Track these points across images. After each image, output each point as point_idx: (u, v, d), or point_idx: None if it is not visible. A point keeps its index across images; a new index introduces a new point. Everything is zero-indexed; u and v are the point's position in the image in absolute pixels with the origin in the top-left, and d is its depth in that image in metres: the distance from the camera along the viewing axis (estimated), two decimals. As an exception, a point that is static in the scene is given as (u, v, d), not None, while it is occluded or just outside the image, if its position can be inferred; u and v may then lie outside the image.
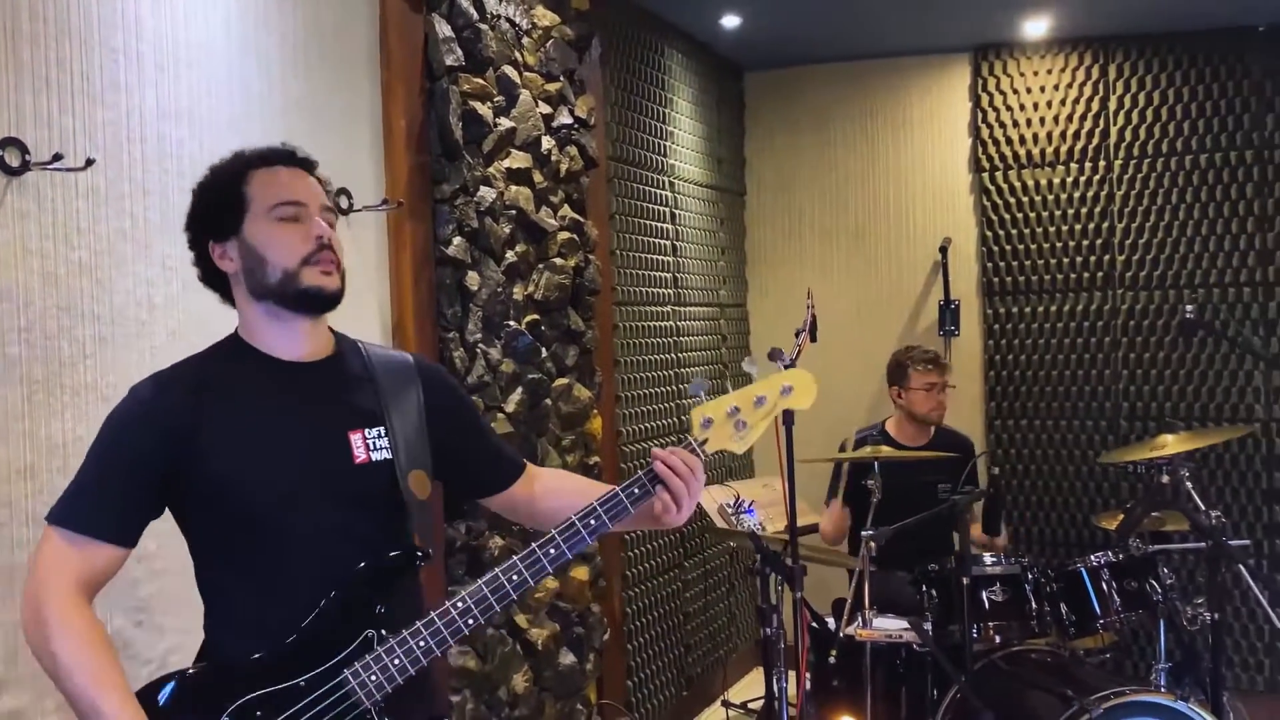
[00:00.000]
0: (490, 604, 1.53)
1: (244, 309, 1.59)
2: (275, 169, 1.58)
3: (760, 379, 1.66)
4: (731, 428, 1.62)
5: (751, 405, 1.63)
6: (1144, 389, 4.39)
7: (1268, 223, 4.23)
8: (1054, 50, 4.51)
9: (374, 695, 1.48)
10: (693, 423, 1.63)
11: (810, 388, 1.66)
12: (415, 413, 1.63)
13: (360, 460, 1.55)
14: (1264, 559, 4.20)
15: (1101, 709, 2.71)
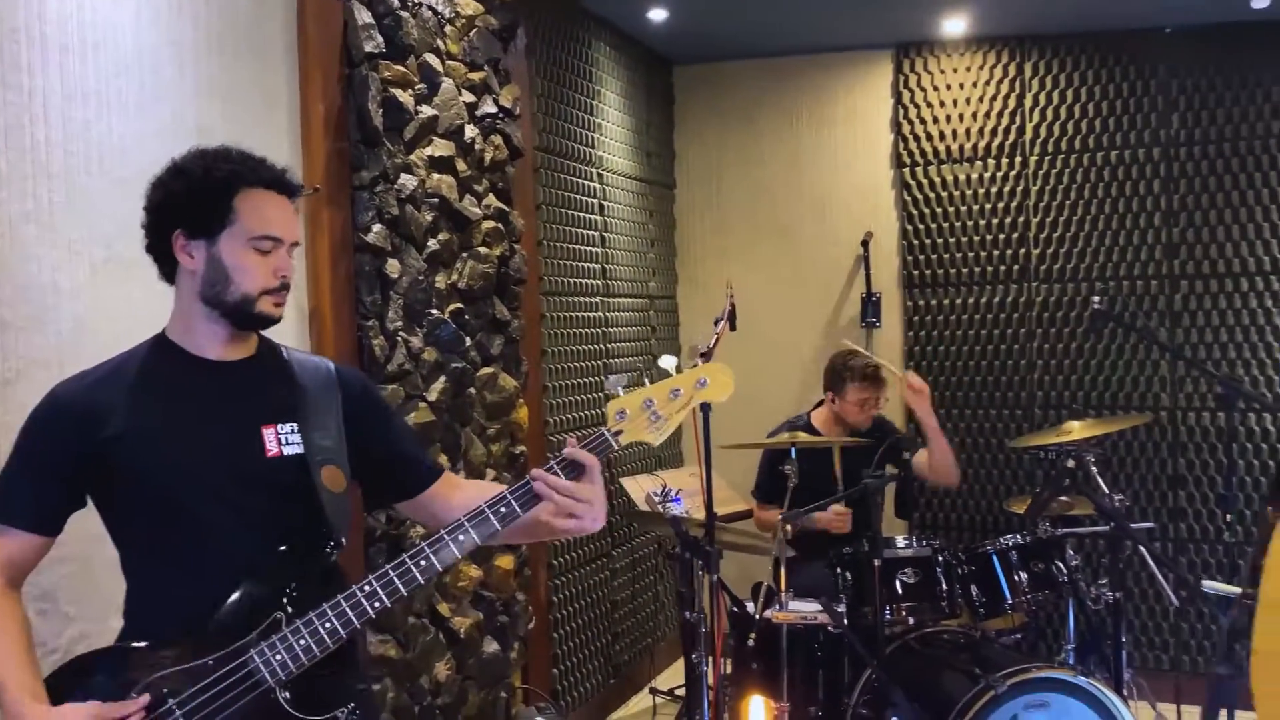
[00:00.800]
0: (396, 587, 1.58)
1: (187, 303, 1.64)
2: (268, 194, 1.64)
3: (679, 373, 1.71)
4: (647, 420, 1.67)
5: (667, 398, 1.68)
6: (1056, 378, 4.53)
7: (1173, 218, 4.38)
8: (972, 48, 4.62)
9: (278, 674, 1.53)
10: (608, 414, 1.68)
11: (727, 381, 1.70)
12: (334, 416, 1.71)
13: (272, 454, 1.63)
14: (1168, 542, 4.36)
15: (1006, 685, 2.81)
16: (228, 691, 1.52)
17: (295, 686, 1.55)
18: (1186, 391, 4.35)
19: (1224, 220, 4.31)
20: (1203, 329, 4.34)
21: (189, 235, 1.61)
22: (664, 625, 4.78)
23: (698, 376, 1.69)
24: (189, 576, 1.57)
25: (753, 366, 4.77)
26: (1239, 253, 4.29)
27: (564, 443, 3.93)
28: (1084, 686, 2.91)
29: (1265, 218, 4.25)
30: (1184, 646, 4.38)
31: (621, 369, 4.46)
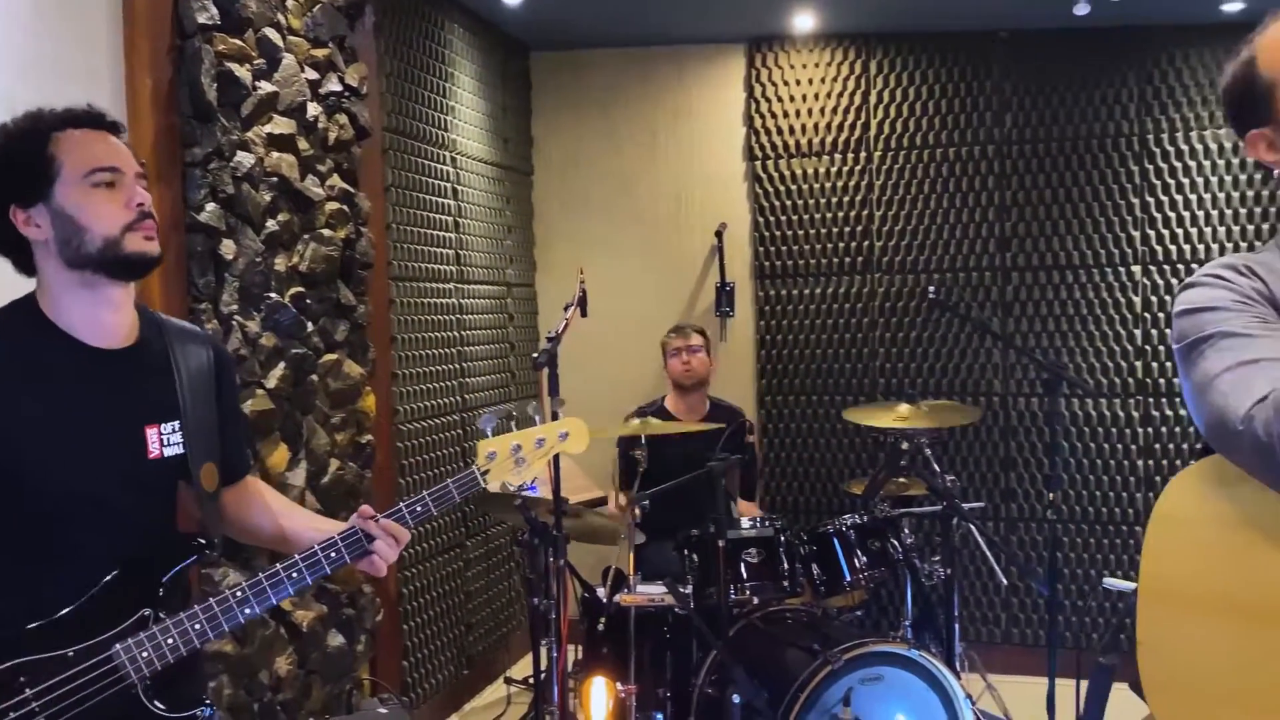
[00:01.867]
0: (268, 596, 1.62)
1: (52, 279, 1.56)
2: (84, 132, 1.56)
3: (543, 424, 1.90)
4: (513, 463, 1.83)
5: (533, 445, 1.85)
6: (898, 365, 4.72)
7: (1005, 213, 4.61)
8: (821, 45, 4.76)
9: (142, 671, 1.52)
10: (478, 453, 1.80)
11: (584, 435, 1.91)
12: (210, 402, 1.69)
13: (154, 455, 1.60)
14: (1000, 521, 4.60)
15: (843, 660, 2.91)
16: (89, 685, 1.50)
17: (158, 684, 1.54)
18: (1016, 378, 4.59)
19: (1052, 216, 4.56)
20: (1032, 318, 4.58)
21: (24, 205, 1.53)
22: (519, 614, 4.76)
23: (560, 429, 1.89)
24: (59, 575, 1.53)
25: (610, 354, 4.81)
26: (1065, 246, 4.55)
27: (417, 431, 3.87)
28: (917, 659, 3.03)
29: (1089, 214, 4.52)
30: (1014, 620, 4.62)
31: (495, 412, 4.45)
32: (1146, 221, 4.46)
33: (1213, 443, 1.26)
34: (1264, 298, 1.28)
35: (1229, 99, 1.36)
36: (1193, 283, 1.35)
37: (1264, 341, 1.23)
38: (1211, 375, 1.24)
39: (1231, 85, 1.35)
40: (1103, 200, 4.50)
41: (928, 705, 3.02)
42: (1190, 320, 1.31)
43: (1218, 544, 1.26)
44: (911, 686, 3.03)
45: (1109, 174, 4.50)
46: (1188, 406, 1.35)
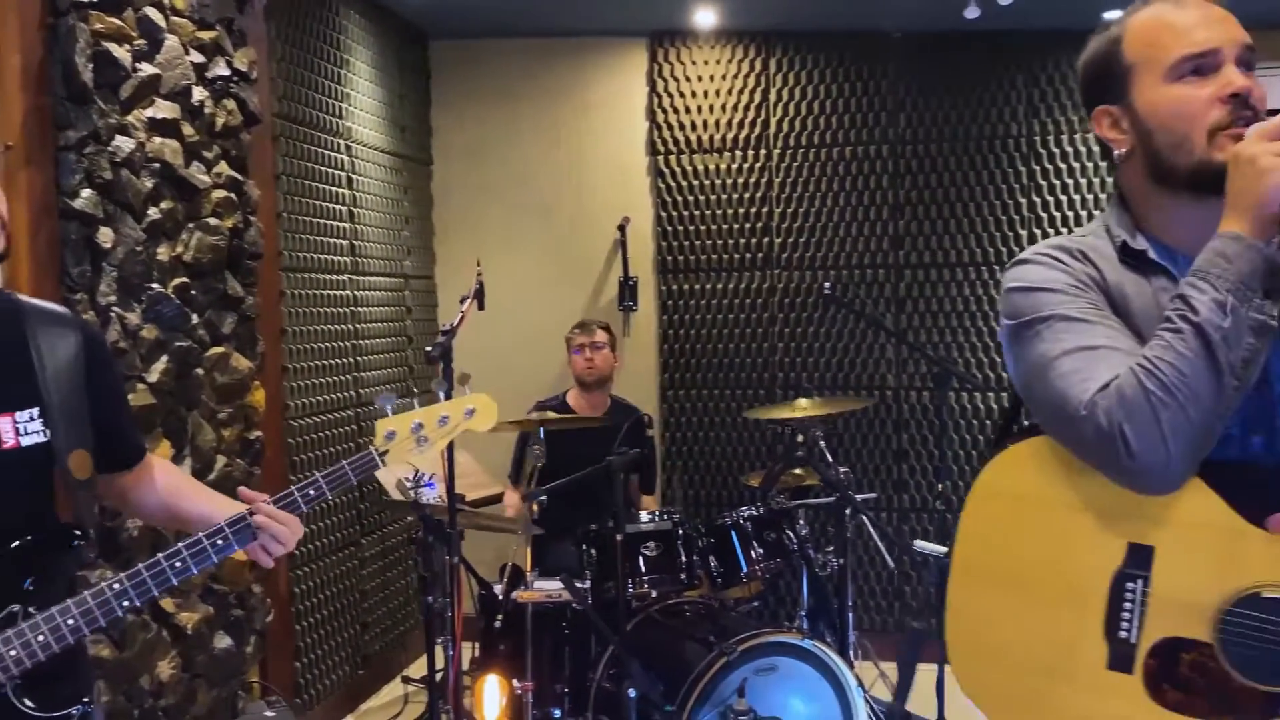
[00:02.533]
0: (149, 588, 1.55)
1: None
2: None
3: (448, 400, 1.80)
4: (414, 442, 1.75)
5: (435, 423, 1.76)
6: (795, 359, 4.79)
7: (899, 212, 4.72)
8: (722, 41, 4.79)
9: (10, 670, 1.46)
10: (376, 433, 1.72)
11: (492, 412, 1.82)
12: (79, 388, 1.62)
13: (9, 445, 1.54)
14: (892, 512, 4.71)
15: (738, 651, 2.94)
16: None
17: (29, 682, 1.49)
18: (908, 372, 4.70)
19: (943, 215, 4.68)
20: (923, 315, 4.70)
21: None
22: (417, 613, 4.68)
23: (466, 406, 1.79)
24: None
25: (512, 347, 4.77)
26: (955, 245, 4.67)
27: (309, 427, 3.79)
28: (810, 649, 3.08)
29: (978, 213, 4.65)
30: (906, 608, 4.74)
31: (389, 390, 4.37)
32: (1033, 221, 4.62)
33: (1048, 426, 1.29)
34: (1096, 284, 1.32)
35: (1088, 71, 1.38)
36: (1027, 259, 1.36)
37: (1101, 328, 1.27)
38: (1050, 358, 1.26)
39: (1092, 59, 1.38)
40: (991, 200, 4.64)
41: (821, 694, 3.08)
42: (1026, 298, 1.32)
43: (1030, 521, 1.31)
44: (805, 676, 3.08)
45: (998, 174, 4.63)
46: (1015, 384, 1.38)
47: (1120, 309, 1.30)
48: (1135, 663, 1.25)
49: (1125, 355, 1.23)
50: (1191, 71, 1.27)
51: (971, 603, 1.36)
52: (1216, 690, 1.21)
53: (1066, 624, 1.29)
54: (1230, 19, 1.30)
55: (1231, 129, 1.24)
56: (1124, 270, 1.32)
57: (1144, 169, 1.33)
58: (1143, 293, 1.30)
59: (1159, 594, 1.24)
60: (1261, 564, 1.18)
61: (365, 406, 4.23)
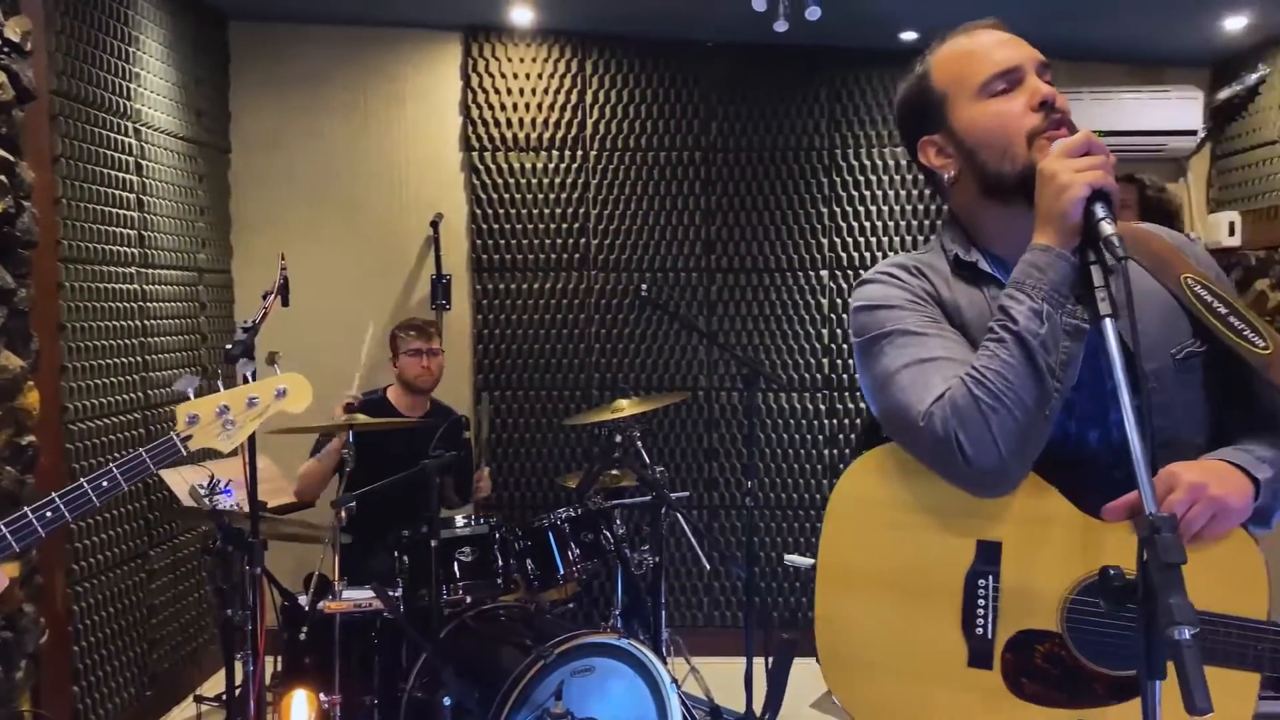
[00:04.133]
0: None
1: None
2: None
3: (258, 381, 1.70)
4: (220, 426, 1.66)
5: (244, 405, 1.67)
6: (611, 360, 4.82)
7: (711, 217, 4.83)
8: (538, 40, 4.76)
9: None
10: (178, 418, 1.61)
11: (306, 392, 1.74)
12: None
13: None
14: (704, 510, 4.81)
15: (555, 653, 2.92)
16: None
17: None
18: (719, 373, 4.82)
19: (752, 221, 4.82)
20: (733, 318, 4.83)
21: None
22: (211, 627, 4.42)
23: (277, 385, 1.69)
24: None
25: (319, 345, 4.54)
26: (763, 251, 4.82)
27: (90, 431, 3.54)
28: (627, 649, 3.10)
29: (784, 220, 4.82)
30: (715, 604, 4.86)
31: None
32: (834, 229, 4.82)
33: (894, 436, 1.36)
34: (932, 298, 1.40)
35: (904, 110, 1.47)
36: (869, 279, 1.44)
37: (937, 340, 1.34)
38: (891, 371, 1.33)
39: (906, 98, 1.46)
40: (796, 208, 4.82)
41: (637, 693, 3.09)
42: (869, 316, 1.40)
43: (887, 526, 1.36)
44: (621, 675, 3.09)
45: (802, 184, 4.82)
46: (866, 398, 1.44)
47: (956, 320, 1.37)
48: (994, 658, 1.30)
49: (960, 365, 1.29)
50: (1001, 88, 1.36)
51: (838, 610, 1.39)
52: (1070, 679, 1.28)
53: (927, 625, 1.33)
54: (1020, 40, 1.40)
55: (1047, 132, 1.32)
56: (958, 283, 1.40)
57: (975, 186, 1.40)
58: (976, 303, 1.38)
59: (1009, 589, 1.30)
60: (1098, 552, 1.25)
61: (154, 409, 3.95)
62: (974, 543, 1.31)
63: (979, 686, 1.30)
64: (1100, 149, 1.24)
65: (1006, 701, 1.29)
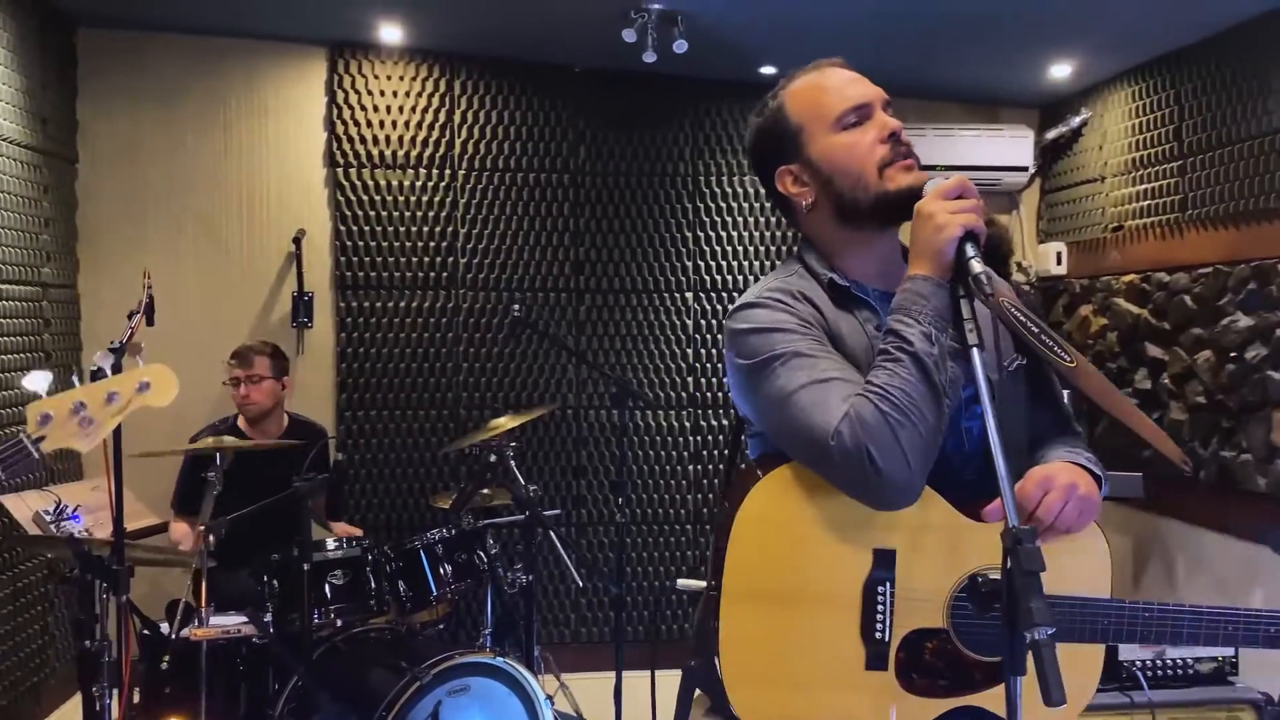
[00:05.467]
0: None
1: None
2: None
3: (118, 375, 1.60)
4: (76, 425, 1.54)
5: (102, 402, 1.55)
6: (480, 380, 4.83)
7: (580, 238, 4.91)
8: (406, 59, 4.75)
9: None
10: (28, 418, 1.51)
11: (171, 384, 1.66)
12: None
13: None
14: (572, 526, 4.87)
15: (431, 674, 2.93)
16: None
17: None
18: (588, 392, 4.90)
19: (620, 244, 4.93)
20: (602, 337, 4.92)
21: None
22: (55, 660, 4.19)
23: (139, 379, 1.60)
24: None
25: (173, 366, 4.40)
26: (630, 272, 4.94)
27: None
28: (500, 666, 3.13)
29: (650, 244, 4.95)
30: (583, 620, 4.92)
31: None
32: (698, 253, 4.99)
33: (798, 455, 1.42)
34: (817, 322, 1.49)
35: (759, 141, 1.56)
36: (754, 303, 1.51)
37: (828, 361, 1.43)
38: (789, 391, 1.40)
39: (761, 130, 1.57)
40: (662, 232, 4.96)
41: (511, 710, 3.13)
42: (760, 339, 1.46)
43: (789, 542, 1.43)
44: (496, 694, 3.13)
45: (667, 208, 4.96)
46: (751, 417, 1.52)
47: (836, 343, 1.48)
48: (889, 659, 1.40)
49: (853, 385, 1.39)
50: (853, 121, 1.49)
51: (743, 631, 1.42)
52: (954, 670, 1.40)
53: (829, 634, 1.40)
54: (865, 79, 1.54)
55: (896, 163, 1.46)
56: (832, 306, 1.50)
57: (831, 213, 1.51)
58: (852, 326, 1.49)
59: (903, 593, 1.40)
60: (979, 552, 1.38)
61: (21, 429, 3.74)
62: (871, 552, 1.40)
63: (874, 687, 1.39)
64: (972, 193, 1.38)
65: (899, 698, 1.40)
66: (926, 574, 1.40)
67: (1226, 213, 3.91)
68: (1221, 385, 3.91)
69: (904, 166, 1.46)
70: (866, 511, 1.39)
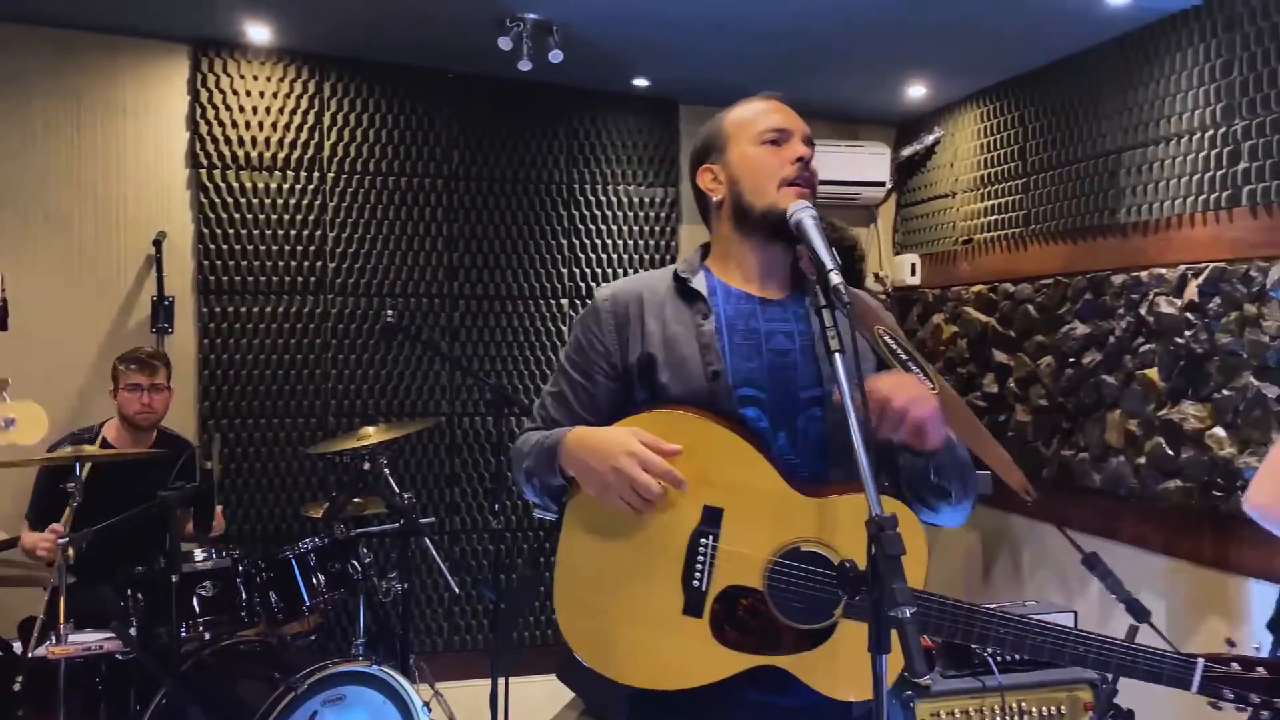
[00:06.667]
0: None
1: None
2: None
3: None
4: None
5: None
6: (350, 387, 4.76)
7: (454, 244, 4.90)
8: (274, 59, 4.65)
9: None
10: None
11: (40, 422, 1.69)
12: None
13: None
14: (445, 534, 4.85)
15: (306, 684, 2.89)
16: None
17: None
18: (462, 399, 4.89)
19: (494, 249, 4.94)
20: (477, 343, 4.92)
21: None
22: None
23: (4, 415, 1.56)
24: None
25: (25, 374, 4.18)
26: (505, 279, 4.95)
27: None
28: (376, 674, 3.12)
29: (526, 250, 4.97)
30: (456, 628, 4.89)
31: None
32: (574, 260, 5.04)
33: None
34: (618, 326, 1.69)
35: (698, 146, 1.77)
36: (595, 298, 1.75)
37: (568, 387, 1.73)
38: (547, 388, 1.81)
39: (701, 138, 1.77)
40: (537, 239, 4.99)
41: (387, 718, 3.11)
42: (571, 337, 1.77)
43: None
44: (372, 702, 3.11)
45: (542, 216, 5.00)
46: None
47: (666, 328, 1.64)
48: (704, 608, 1.52)
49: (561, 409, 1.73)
50: (772, 140, 1.68)
51: (575, 559, 1.57)
52: (764, 630, 1.52)
53: (652, 576, 1.53)
54: (794, 114, 1.74)
55: (794, 185, 1.64)
56: (675, 299, 1.68)
57: (730, 214, 1.69)
58: (684, 318, 1.65)
59: (725, 549, 1.53)
60: (802, 523, 1.50)
61: None
62: (701, 507, 1.53)
63: (688, 631, 1.52)
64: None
65: (709, 645, 1.52)
66: (749, 536, 1.53)
67: (1066, 227, 4.21)
68: (1061, 389, 4.21)
69: (798, 193, 1.63)
70: (704, 468, 1.53)
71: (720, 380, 1.57)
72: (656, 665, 1.52)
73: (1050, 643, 1.53)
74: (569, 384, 1.70)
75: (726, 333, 1.62)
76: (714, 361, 1.58)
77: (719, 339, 1.61)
